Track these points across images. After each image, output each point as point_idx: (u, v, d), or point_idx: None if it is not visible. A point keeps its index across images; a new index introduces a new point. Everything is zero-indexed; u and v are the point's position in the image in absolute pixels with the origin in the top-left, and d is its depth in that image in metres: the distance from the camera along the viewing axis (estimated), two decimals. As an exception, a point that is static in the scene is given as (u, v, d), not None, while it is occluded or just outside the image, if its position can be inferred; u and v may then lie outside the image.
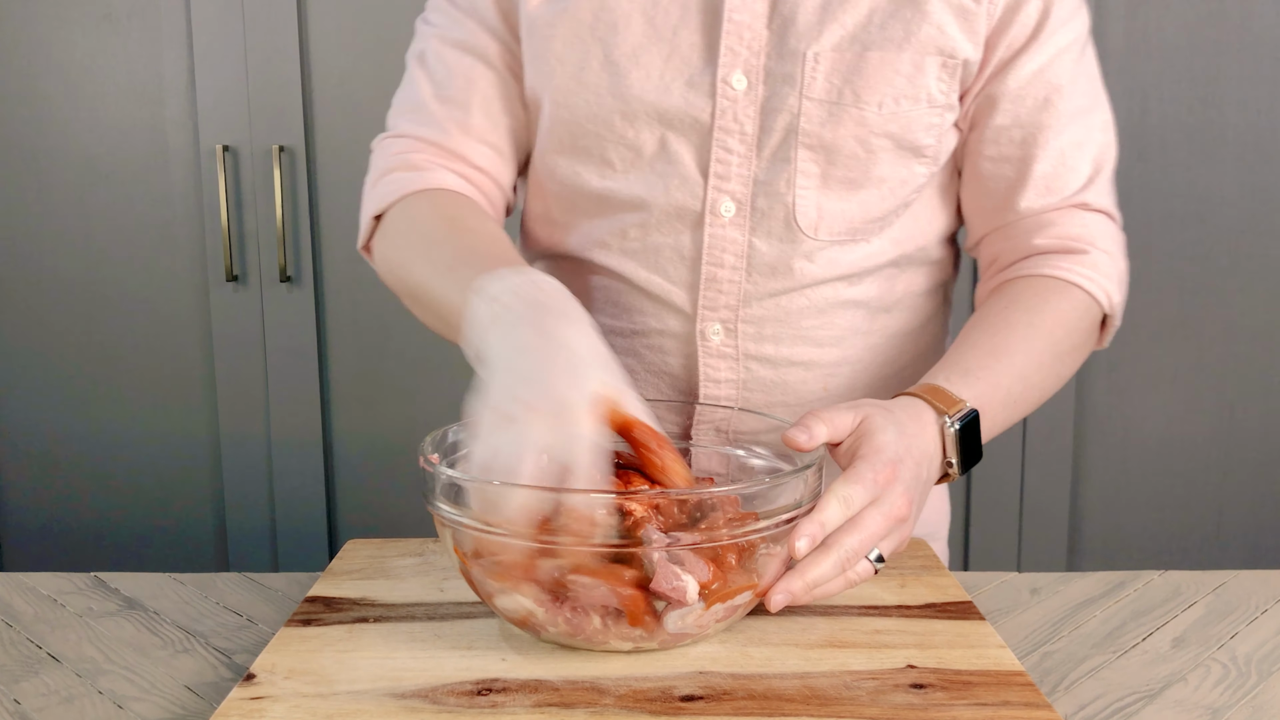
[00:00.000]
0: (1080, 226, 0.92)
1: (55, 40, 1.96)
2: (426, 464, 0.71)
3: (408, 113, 0.96)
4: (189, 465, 2.08)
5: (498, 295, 0.73)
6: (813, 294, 0.92)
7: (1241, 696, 0.72)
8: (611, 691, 0.65)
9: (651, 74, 0.87)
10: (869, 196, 0.90)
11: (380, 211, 0.93)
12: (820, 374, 0.94)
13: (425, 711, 0.63)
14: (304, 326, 2.02)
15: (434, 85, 0.94)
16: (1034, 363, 0.87)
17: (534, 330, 0.70)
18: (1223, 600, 0.87)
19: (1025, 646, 0.79)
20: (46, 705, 0.71)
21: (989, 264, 0.97)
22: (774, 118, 0.87)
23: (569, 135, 0.91)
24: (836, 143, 0.87)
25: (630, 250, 0.93)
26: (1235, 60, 1.97)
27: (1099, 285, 0.91)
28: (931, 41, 0.86)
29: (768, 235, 0.90)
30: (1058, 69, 0.89)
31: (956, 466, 0.80)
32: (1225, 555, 2.12)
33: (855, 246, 0.92)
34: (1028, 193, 0.91)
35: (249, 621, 0.84)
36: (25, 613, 0.85)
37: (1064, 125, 0.90)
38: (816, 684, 0.66)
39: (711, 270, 0.91)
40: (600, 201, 0.92)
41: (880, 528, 0.71)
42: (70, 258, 2.02)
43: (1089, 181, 0.92)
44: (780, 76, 0.86)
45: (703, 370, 0.93)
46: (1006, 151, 0.91)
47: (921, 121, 0.88)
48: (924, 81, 0.87)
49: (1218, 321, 2.05)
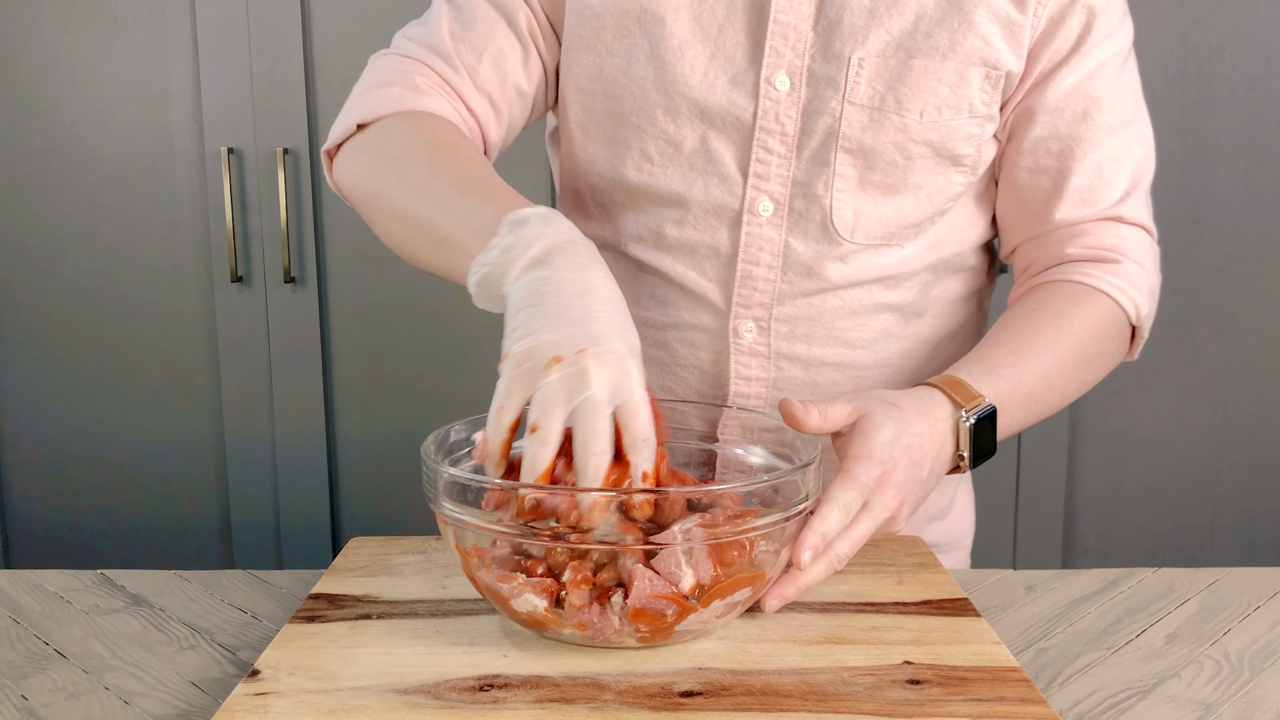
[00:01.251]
0: (1115, 238, 0.91)
1: (62, 44, 1.96)
2: (428, 462, 0.71)
3: (420, 39, 0.93)
4: (194, 464, 2.08)
5: (541, 233, 0.70)
6: (846, 296, 0.91)
7: (1234, 692, 0.72)
8: (612, 687, 0.65)
9: (696, 70, 0.87)
10: (905, 202, 0.89)
11: (368, 120, 0.88)
12: (852, 375, 0.93)
13: (428, 707, 0.63)
14: (308, 327, 2.02)
15: (456, 23, 0.92)
16: (1058, 365, 0.86)
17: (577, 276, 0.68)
18: (1216, 597, 0.87)
19: (1021, 643, 0.79)
20: (53, 701, 0.71)
21: (1023, 271, 0.97)
22: (815, 120, 0.87)
23: (611, 125, 0.91)
24: (876, 148, 0.87)
25: (666, 245, 0.92)
26: (1228, 64, 1.97)
27: (1128, 295, 0.90)
28: (976, 52, 0.85)
29: (804, 236, 0.89)
30: (1098, 82, 0.88)
31: (968, 460, 0.80)
32: (1218, 553, 2.12)
33: (890, 251, 0.91)
34: (1063, 205, 0.91)
35: (253, 618, 0.84)
36: (32, 609, 0.85)
37: (1102, 139, 0.89)
38: (814, 680, 0.66)
39: (747, 268, 0.90)
40: (638, 195, 0.92)
41: (869, 531, 0.73)
42: (77, 259, 2.02)
43: (1125, 195, 0.91)
44: (823, 79, 0.86)
45: (734, 367, 0.92)
46: (1044, 163, 0.90)
47: (962, 131, 0.87)
48: (966, 91, 0.86)
49: (1211, 321, 2.05)
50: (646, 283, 0.94)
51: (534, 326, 0.65)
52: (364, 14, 1.94)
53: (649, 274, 0.94)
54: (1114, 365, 0.93)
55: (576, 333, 0.65)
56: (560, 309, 0.66)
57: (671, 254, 0.92)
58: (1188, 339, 2.05)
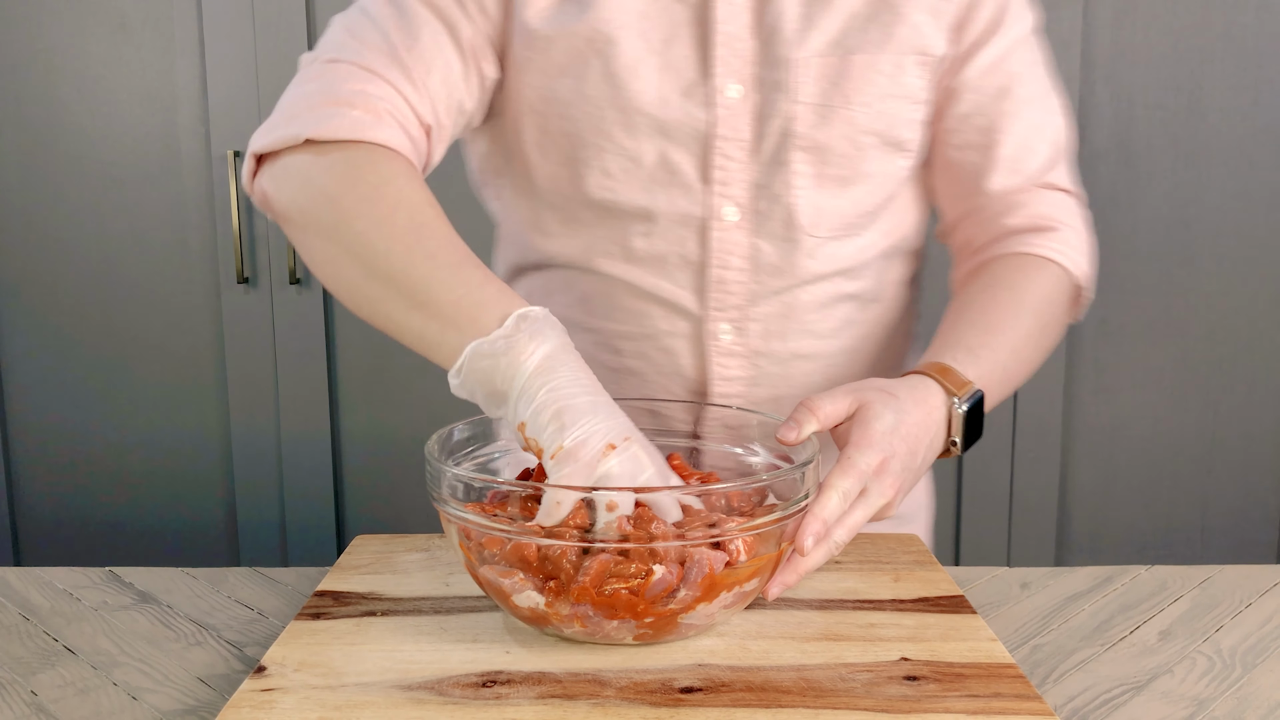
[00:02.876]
0: (1048, 206, 0.95)
1: (71, 49, 1.96)
2: (432, 461, 0.71)
3: (369, 44, 0.85)
4: (201, 462, 2.08)
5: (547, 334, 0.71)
6: (814, 289, 0.93)
7: (1227, 688, 0.72)
8: (613, 683, 0.65)
9: (649, 86, 0.87)
10: (859, 192, 0.92)
11: (322, 139, 0.81)
12: (822, 365, 0.95)
13: (431, 703, 0.63)
14: (313, 327, 2.02)
15: (401, 31, 0.86)
16: (1023, 337, 0.89)
17: (589, 378, 0.71)
18: (1208, 594, 0.87)
19: (1016, 639, 0.79)
20: (63, 696, 0.71)
21: (963, 248, 1.00)
22: (768, 123, 0.88)
23: (569, 146, 0.90)
24: (828, 143, 0.89)
25: (635, 258, 0.92)
26: (1219, 67, 1.97)
27: (1070, 259, 0.93)
28: (909, 41, 0.88)
29: (770, 236, 0.91)
30: (1014, 59, 0.93)
31: (960, 444, 0.82)
32: (1210, 551, 2.12)
33: (851, 240, 0.93)
34: (995, 175, 0.94)
35: (260, 615, 0.84)
36: (42, 606, 0.85)
37: (1022, 111, 0.93)
38: (813, 676, 0.66)
39: (719, 273, 0.91)
40: (602, 211, 0.92)
41: (866, 518, 0.74)
42: (86, 260, 2.01)
43: (1051, 163, 0.95)
44: (771, 83, 0.88)
45: (714, 369, 0.93)
46: (971, 138, 0.94)
47: (903, 117, 0.90)
48: (904, 80, 0.89)
49: (1202, 322, 2.05)
50: (618, 296, 0.94)
51: (579, 421, 0.68)
52: (368, 19, 1.94)
53: (620, 287, 0.94)
54: (1065, 327, 0.96)
55: (616, 425, 0.69)
56: (592, 405, 0.69)
57: (641, 266, 0.92)
58: (1179, 340, 2.06)
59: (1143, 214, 2.02)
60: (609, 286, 0.94)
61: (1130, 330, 2.05)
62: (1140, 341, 2.05)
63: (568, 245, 0.95)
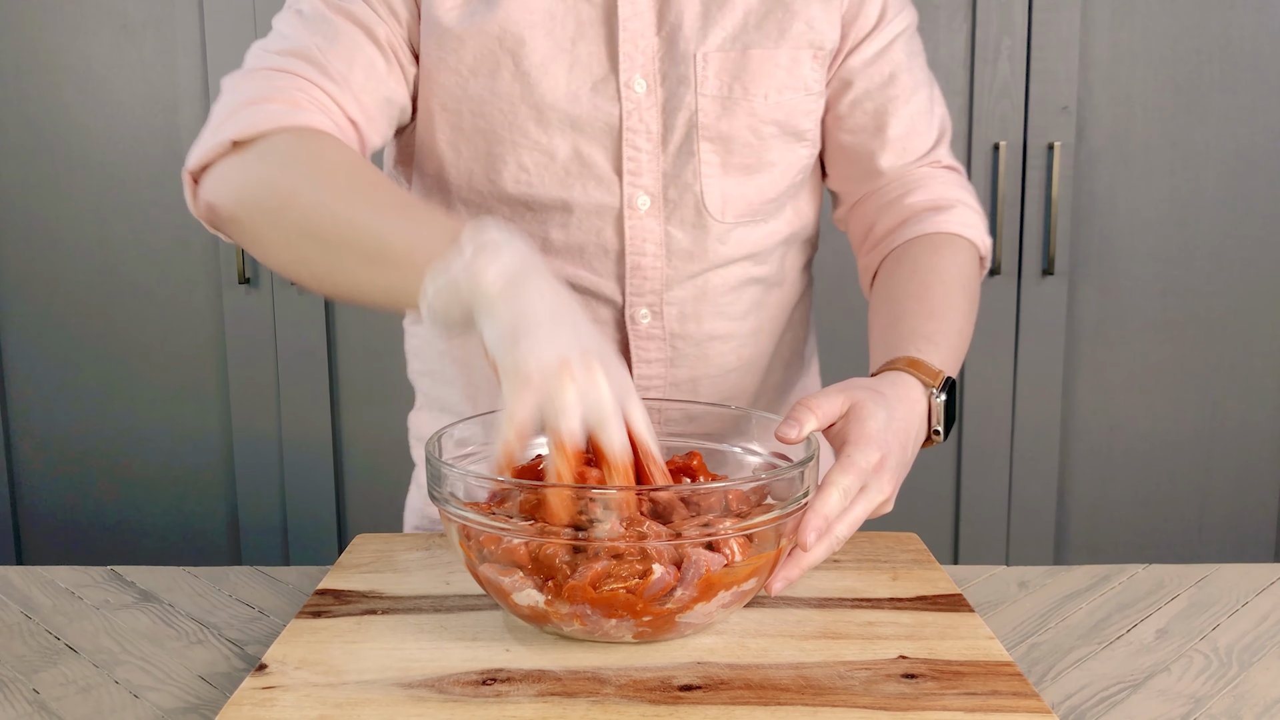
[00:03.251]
0: (942, 184, 1.00)
1: (74, 50, 1.96)
2: (433, 461, 0.71)
3: (285, 53, 0.87)
4: (203, 462, 2.08)
5: (508, 246, 0.69)
6: (725, 273, 0.97)
7: (1223, 686, 0.72)
8: (612, 681, 0.65)
9: (559, 83, 0.90)
10: (763, 180, 0.96)
11: (246, 137, 0.81)
12: (735, 345, 0.99)
13: (432, 701, 0.63)
14: (314, 328, 2.02)
15: (318, 36, 0.87)
16: (962, 315, 0.92)
17: (554, 293, 0.69)
18: (1205, 593, 0.87)
19: (1013, 638, 0.79)
20: (65, 695, 0.71)
21: (864, 234, 1.03)
22: (675, 115, 0.92)
23: (483, 142, 0.92)
24: (732, 133, 0.93)
25: (554, 249, 0.95)
26: (1216, 68, 1.97)
27: (975, 232, 0.98)
28: (803, 36, 0.93)
29: (681, 223, 0.94)
30: (897, 50, 0.98)
31: (942, 433, 0.83)
32: (1207, 549, 2.12)
33: (758, 226, 0.97)
34: (887, 154, 0.99)
35: (261, 614, 0.84)
36: (44, 605, 0.85)
37: (908, 96, 0.99)
38: (811, 674, 0.66)
39: (635, 260, 0.94)
40: (518, 205, 0.94)
41: (865, 514, 0.74)
42: (88, 261, 2.02)
43: (936, 142, 1.01)
44: (675, 78, 0.92)
45: (634, 352, 0.96)
46: (863, 122, 0.99)
47: (801, 108, 0.95)
48: (800, 72, 0.94)
49: (1200, 322, 2.05)
50: None
51: (535, 338, 0.65)
52: (369, 20, 1.94)
53: None
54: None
55: (573, 343, 0.66)
56: (552, 322, 0.67)
57: (560, 257, 0.95)
58: (1177, 340, 2.06)
59: (1140, 214, 2.02)
60: None
61: (1128, 330, 2.05)
62: (1138, 341, 2.05)
63: None
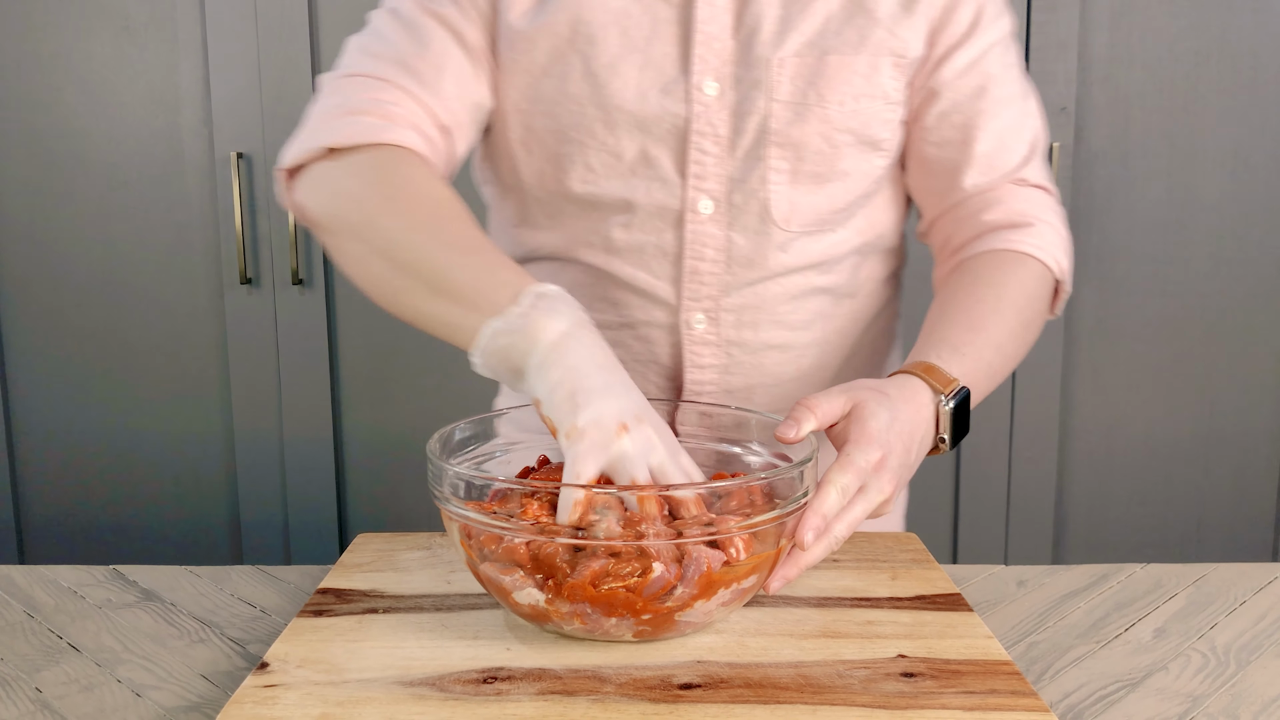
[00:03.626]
0: (1024, 202, 0.95)
1: (76, 51, 1.96)
2: (434, 460, 0.71)
3: (381, 57, 0.90)
4: (204, 462, 2.08)
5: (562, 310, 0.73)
6: (786, 282, 0.95)
7: (1221, 685, 0.72)
8: (613, 680, 0.65)
9: (629, 84, 0.89)
10: (835, 189, 0.93)
11: (341, 146, 0.85)
12: (793, 355, 0.97)
13: (433, 699, 0.63)
14: (315, 328, 2.02)
15: (411, 40, 0.90)
16: (1006, 333, 0.89)
17: (605, 354, 0.73)
18: (1203, 592, 0.87)
19: (1012, 637, 0.79)
20: (67, 693, 0.71)
21: (942, 247, 1.00)
22: (745, 120, 0.90)
23: (553, 142, 0.92)
24: (804, 140, 0.91)
25: (615, 249, 0.94)
26: (1214, 69, 1.97)
27: (1049, 254, 0.94)
28: (884, 44, 0.90)
29: (744, 229, 0.92)
30: (990, 61, 0.94)
31: (948, 441, 0.82)
32: (1205, 549, 2.12)
33: (824, 236, 0.95)
34: (971, 172, 0.95)
35: (262, 613, 0.84)
36: (46, 604, 0.85)
37: (999, 110, 0.94)
38: (811, 673, 0.66)
39: (693, 264, 0.93)
40: (584, 204, 0.94)
41: (865, 513, 0.74)
42: (90, 261, 2.02)
43: (1025, 160, 0.96)
44: (749, 82, 0.90)
45: (688, 357, 0.95)
46: (949, 136, 0.95)
47: (879, 117, 0.92)
48: (879, 80, 0.91)
49: (1198, 323, 2.05)
50: (599, 286, 0.96)
51: (592, 400, 0.69)
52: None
53: (601, 278, 0.96)
54: (1044, 323, 0.97)
55: (629, 404, 0.70)
56: (606, 384, 0.70)
57: (621, 257, 0.94)
58: (1175, 340, 2.05)
59: (1139, 215, 2.02)
60: (591, 277, 0.96)
61: (1126, 330, 2.05)
62: (1136, 342, 2.05)
63: (552, 237, 0.97)
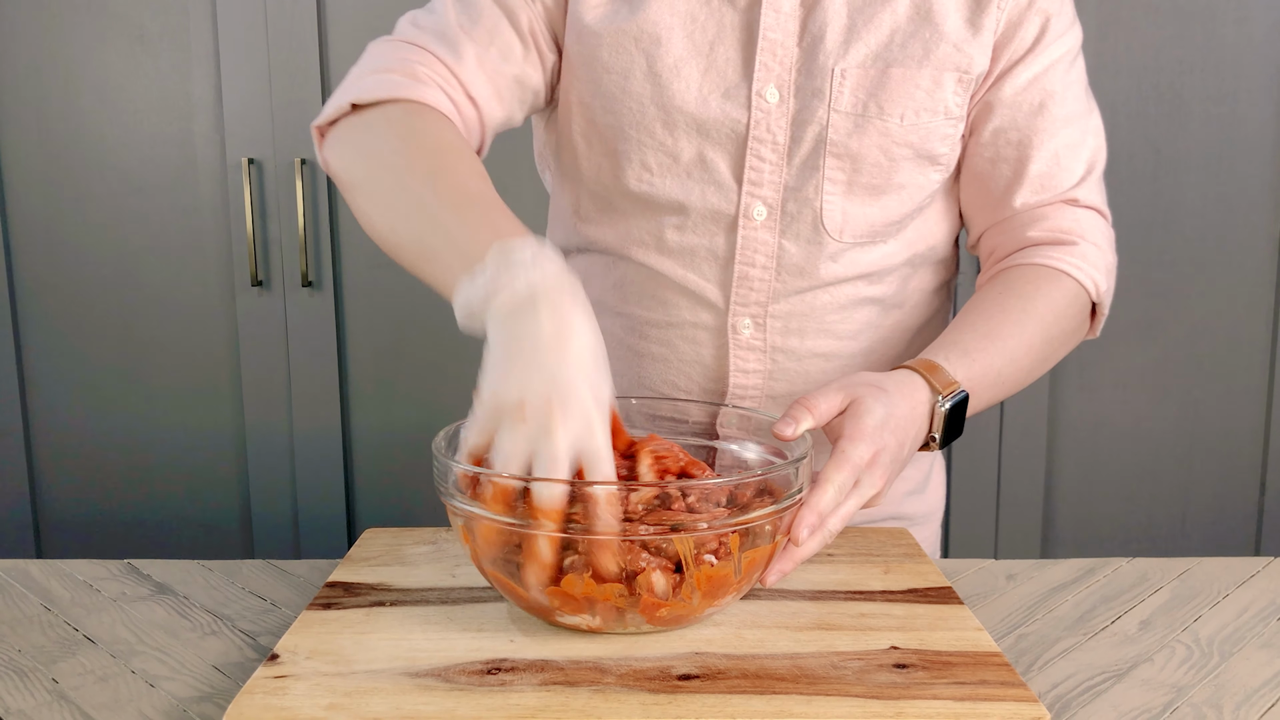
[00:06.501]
0: (1071, 220, 0.92)
1: (91, 60, 1.96)
2: (439, 457, 0.71)
3: (424, 28, 0.90)
4: (216, 459, 2.08)
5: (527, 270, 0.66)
6: (835, 291, 0.93)
7: (1204, 676, 0.72)
8: (613, 671, 0.65)
9: (691, 86, 0.88)
10: (890, 202, 0.91)
11: (363, 102, 0.84)
12: (839, 364, 0.95)
13: (438, 690, 0.63)
14: (324, 329, 2.02)
15: (463, 15, 0.90)
16: (1024, 346, 0.87)
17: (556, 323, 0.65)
18: (1187, 585, 0.87)
19: (1002, 629, 0.79)
20: (83, 684, 0.71)
21: (988, 258, 0.98)
22: (804, 128, 0.89)
23: (612, 138, 0.91)
24: (862, 152, 0.89)
25: (667, 249, 0.93)
26: (1198, 78, 1.97)
27: (1087, 274, 0.91)
28: (948, 59, 0.88)
29: (796, 237, 0.91)
30: (1052, 77, 0.91)
31: (938, 441, 0.81)
32: (1190, 543, 2.12)
33: (875, 248, 0.93)
34: (1023, 191, 0.93)
35: (273, 605, 0.84)
36: (63, 597, 0.85)
37: (1058, 129, 0.91)
38: (806, 664, 0.66)
39: (744, 269, 0.92)
40: (639, 202, 0.93)
41: (858, 508, 0.74)
42: (105, 264, 2.01)
43: (1080, 181, 0.93)
44: (810, 91, 0.88)
45: (733, 361, 0.94)
46: (1004, 153, 0.92)
47: (939, 132, 0.90)
48: (941, 95, 0.89)
49: (1182, 323, 2.05)
50: (649, 285, 0.95)
51: (508, 372, 0.64)
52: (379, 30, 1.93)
53: (652, 276, 0.95)
54: (1077, 342, 0.94)
55: (544, 384, 0.63)
56: (534, 357, 0.64)
57: (672, 257, 0.93)
58: (1160, 339, 2.06)
59: (1124, 218, 2.01)
60: (641, 275, 0.95)
61: (1113, 330, 2.04)
62: (1123, 341, 2.05)
63: (606, 232, 0.96)
